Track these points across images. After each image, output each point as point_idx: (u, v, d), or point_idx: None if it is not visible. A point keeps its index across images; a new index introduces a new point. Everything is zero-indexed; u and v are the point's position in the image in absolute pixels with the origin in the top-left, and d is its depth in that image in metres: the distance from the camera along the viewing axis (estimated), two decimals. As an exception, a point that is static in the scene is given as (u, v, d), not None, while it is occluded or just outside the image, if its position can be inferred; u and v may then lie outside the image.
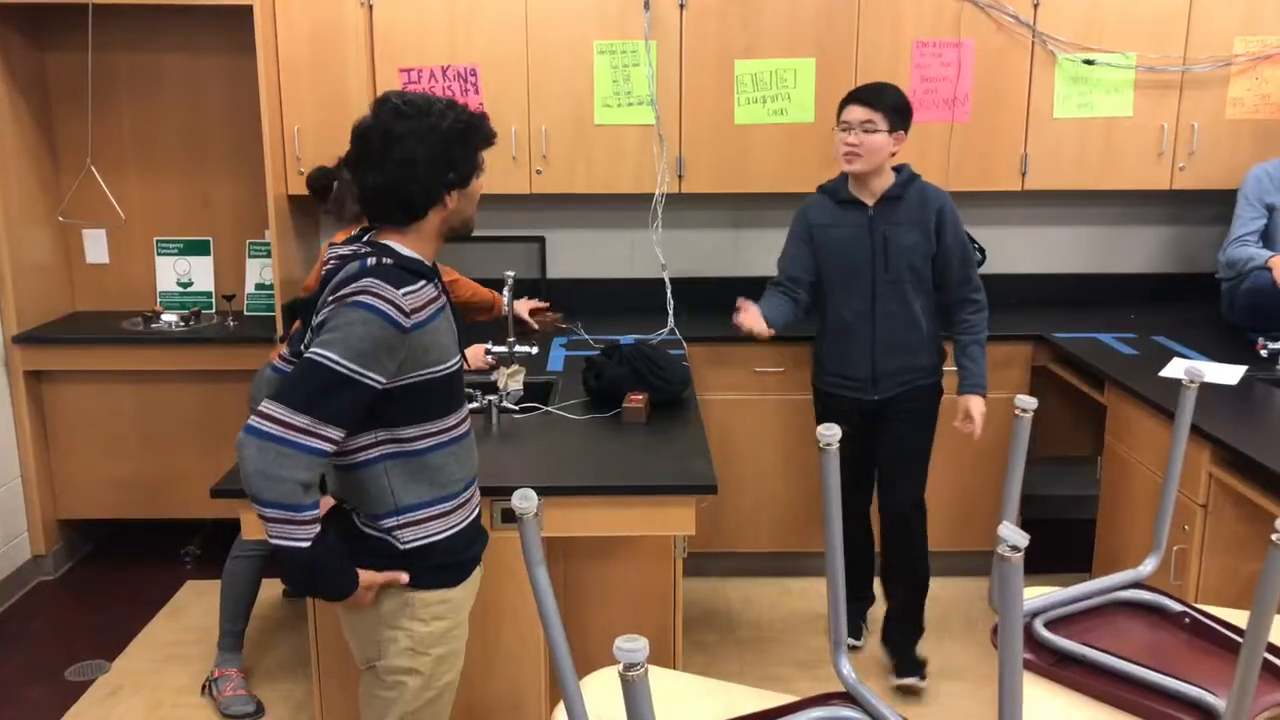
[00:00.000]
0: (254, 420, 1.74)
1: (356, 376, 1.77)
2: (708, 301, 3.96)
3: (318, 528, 1.80)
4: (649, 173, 3.87)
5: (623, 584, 2.79)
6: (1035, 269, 4.34)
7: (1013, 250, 4.32)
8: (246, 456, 1.73)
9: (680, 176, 3.90)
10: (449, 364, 1.94)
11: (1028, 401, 1.88)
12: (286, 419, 1.73)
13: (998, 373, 3.83)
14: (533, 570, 1.53)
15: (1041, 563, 3.89)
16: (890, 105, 2.97)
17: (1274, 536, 1.47)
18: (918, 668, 3.29)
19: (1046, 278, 4.34)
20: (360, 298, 1.79)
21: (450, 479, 1.98)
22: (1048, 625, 1.99)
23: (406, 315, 1.82)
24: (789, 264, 3.19)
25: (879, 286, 3.09)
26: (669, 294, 3.81)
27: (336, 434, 1.78)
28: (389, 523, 1.93)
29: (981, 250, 4.22)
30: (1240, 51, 3.84)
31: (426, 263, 1.95)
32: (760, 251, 4.18)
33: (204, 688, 3.25)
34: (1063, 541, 3.85)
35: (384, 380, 1.82)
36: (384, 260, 1.87)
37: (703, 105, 3.86)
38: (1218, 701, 1.69)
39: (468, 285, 3.45)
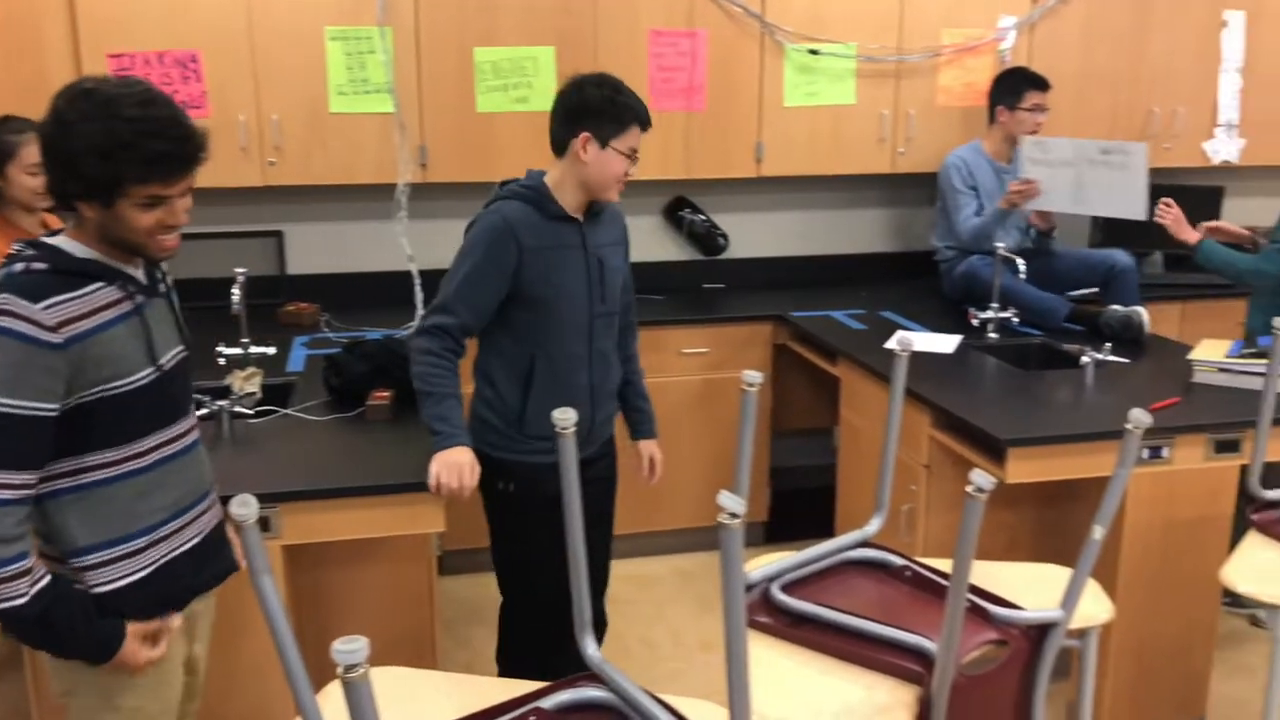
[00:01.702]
0: None
1: (10, 411, 1.57)
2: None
3: (39, 581, 1.62)
4: (391, 162, 3.76)
5: (377, 587, 2.71)
6: (774, 252, 4.54)
7: (752, 235, 4.50)
8: None
9: (424, 166, 3.82)
10: (134, 377, 1.71)
11: (753, 376, 1.95)
12: None
13: (742, 352, 3.99)
14: (257, 579, 1.46)
15: (792, 530, 4.11)
16: None
17: (969, 489, 1.59)
18: None
19: (784, 260, 4.55)
20: None
21: (148, 509, 1.76)
22: (785, 588, 2.08)
23: (53, 330, 1.59)
24: (470, 311, 2.41)
25: (595, 321, 2.53)
26: (418, 286, 3.72)
27: (18, 478, 1.59)
28: (75, 563, 1.71)
29: (724, 236, 4.39)
30: (947, 43, 4.14)
31: (107, 262, 1.70)
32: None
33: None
34: (810, 509, 4.05)
35: (53, 405, 1.60)
36: (34, 266, 1.64)
37: (444, 93, 3.79)
38: (932, 645, 1.82)
39: None
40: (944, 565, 2.23)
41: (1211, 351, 3.10)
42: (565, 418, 1.64)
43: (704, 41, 3.95)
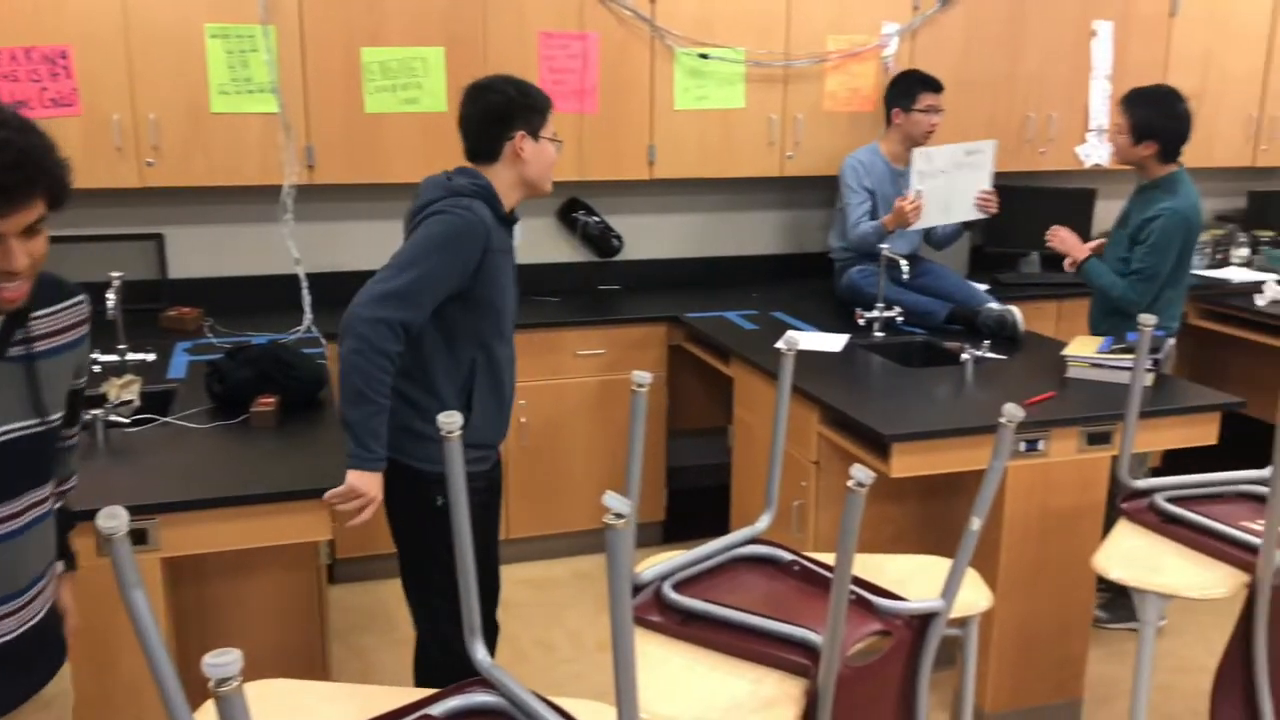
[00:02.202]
0: None
1: None
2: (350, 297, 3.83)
3: None
4: (276, 163, 3.68)
5: (264, 599, 2.65)
6: (668, 254, 4.57)
7: (646, 236, 4.53)
8: None
9: (311, 167, 3.75)
10: None
11: (642, 377, 1.96)
12: None
13: (637, 353, 4.01)
14: (128, 594, 1.40)
15: (689, 529, 4.15)
16: None
17: (849, 484, 1.63)
18: None
19: (679, 261, 4.59)
20: None
21: None
22: (676, 587, 2.10)
23: None
24: (423, 310, 2.30)
25: (512, 326, 2.57)
26: (305, 290, 3.65)
27: None
28: None
29: (618, 237, 4.40)
30: (833, 49, 4.23)
31: None
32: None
33: None
34: (706, 508, 4.09)
35: None
36: None
37: (331, 93, 3.72)
38: (818, 638, 1.85)
39: None
40: (832, 559, 2.27)
41: (1084, 348, 3.23)
42: (452, 421, 1.63)
43: (595, 44, 3.96)
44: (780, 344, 2.32)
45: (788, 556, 2.24)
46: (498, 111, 2.41)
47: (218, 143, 3.64)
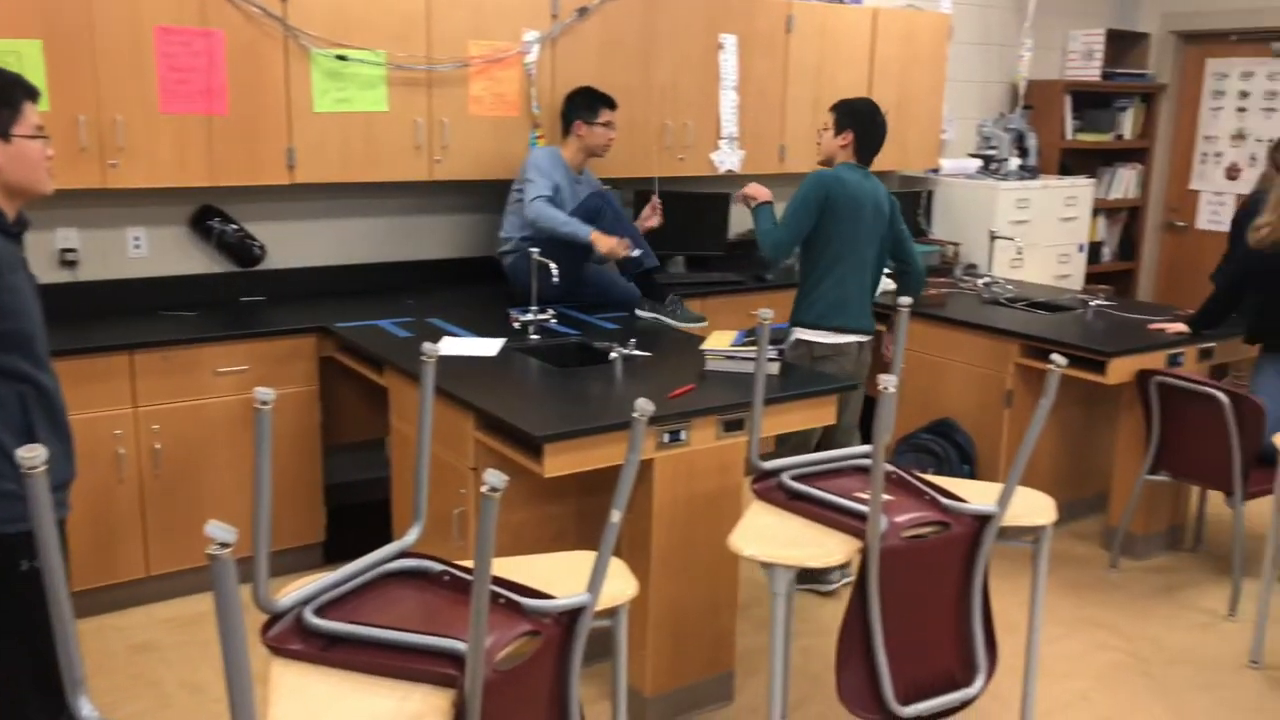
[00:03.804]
0: None
1: None
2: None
3: None
4: None
5: None
6: (317, 262, 4.40)
7: (292, 244, 4.32)
8: None
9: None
10: None
11: (265, 394, 1.86)
12: None
13: (285, 367, 3.82)
14: None
15: (351, 547, 3.98)
16: None
17: (483, 489, 1.63)
18: None
19: (328, 269, 4.42)
20: None
21: None
22: (319, 611, 2.01)
23: None
24: None
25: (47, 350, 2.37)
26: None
27: None
28: None
29: (260, 246, 4.18)
30: (475, 54, 4.23)
31: None
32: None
33: None
34: (368, 524, 3.97)
35: None
36: None
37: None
38: (464, 646, 1.84)
39: None
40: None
41: (719, 341, 3.43)
42: (35, 455, 1.46)
43: (221, 42, 3.72)
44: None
45: (438, 567, 2.21)
46: None
47: None
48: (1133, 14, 6.87)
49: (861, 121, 3.76)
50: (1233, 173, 6.69)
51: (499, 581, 2.09)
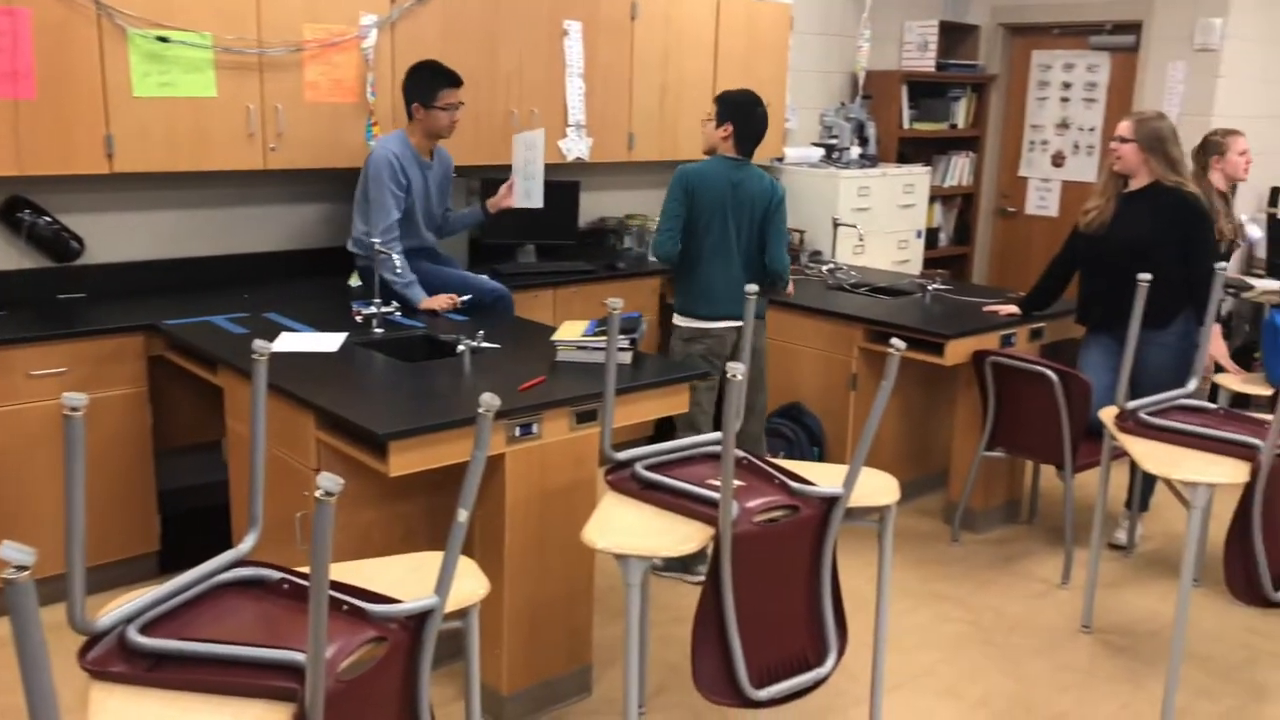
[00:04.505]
0: None
1: None
2: None
3: None
4: None
5: None
6: (144, 255, 4.15)
7: (115, 237, 4.07)
8: None
9: None
10: None
11: (75, 399, 1.71)
12: None
13: (109, 368, 3.60)
14: None
15: (189, 556, 3.77)
16: None
17: (317, 494, 1.54)
18: None
19: (157, 264, 4.18)
20: None
21: None
22: (145, 628, 1.88)
23: None
24: None
25: None
26: None
27: None
28: None
29: (78, 239, 3.93)
30: (310, 38, 4.06)
31: None
32: None
33: None
34: (208, 530, 3.77)
35: None
36: None
37: None
38: (303, 657, 1.75)
39: None
40: (335, 570, 2.17)
41: (571, 331, 3.39)
42: None
43: (26, 21, 3.46)
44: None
45: (276, 575, 2.10)
46: None
47: None
48: (964, 6, 7.13)
49: (741, 114, 3.82)
50: (1058, 160, 7.04)
51: (342, 587, 2.00)
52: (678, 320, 3.96)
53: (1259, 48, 6.26)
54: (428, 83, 3.95)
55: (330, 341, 3.44)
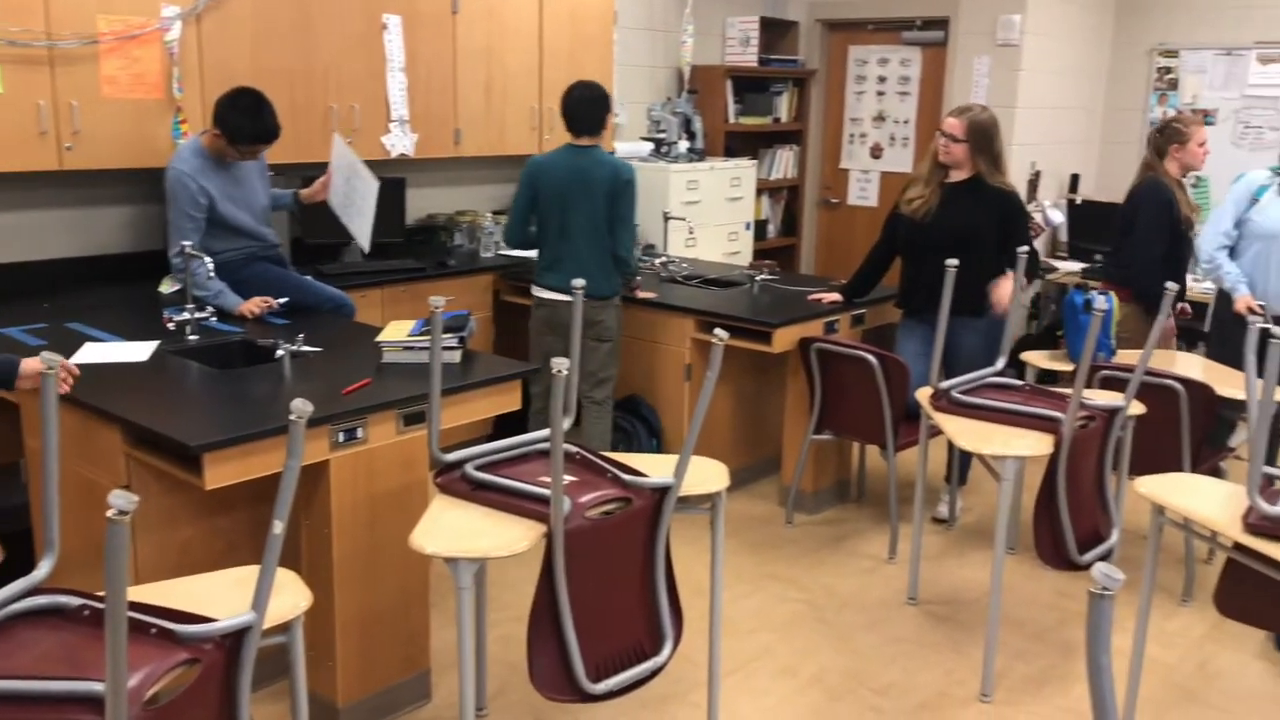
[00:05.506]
0: None
1: None
2: None
3: None
4: None
5: None
6: (-74, 265, 3.84)
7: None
8: None
9: None
10: None
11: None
12: None
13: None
14: None
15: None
16: None
17: (110, 513, 1.45)
18: None
19: (-59, 273, 3.88)
20: None
21: None
22: (-75, 669, 1.74)
23: None
24: None
25: None
26: None
27: None
28: None
29: None
30: (105, 30, 3.83)
31: None
32: None
33: None
34: (11, 558, 3.51)
35: None
36: None
37: None
38: (102, 687, 1.65)
39: None
40: (140, 592, 2.06)
41: (397, 332, 3.31)
42: None
43: None
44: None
45: (76, 602, 1.98)
46: None
47: None
48: (783, 3, 7.32)
49: (564, 100, 4.22)
50: (876, 152, 7.31)
51: (149, 609, 1.90)
52: (533, 289, 4.39)
53: (1055, 43, 6.66)
54: (247, 130, 3.73)
55: (140, 350, 3.26)
